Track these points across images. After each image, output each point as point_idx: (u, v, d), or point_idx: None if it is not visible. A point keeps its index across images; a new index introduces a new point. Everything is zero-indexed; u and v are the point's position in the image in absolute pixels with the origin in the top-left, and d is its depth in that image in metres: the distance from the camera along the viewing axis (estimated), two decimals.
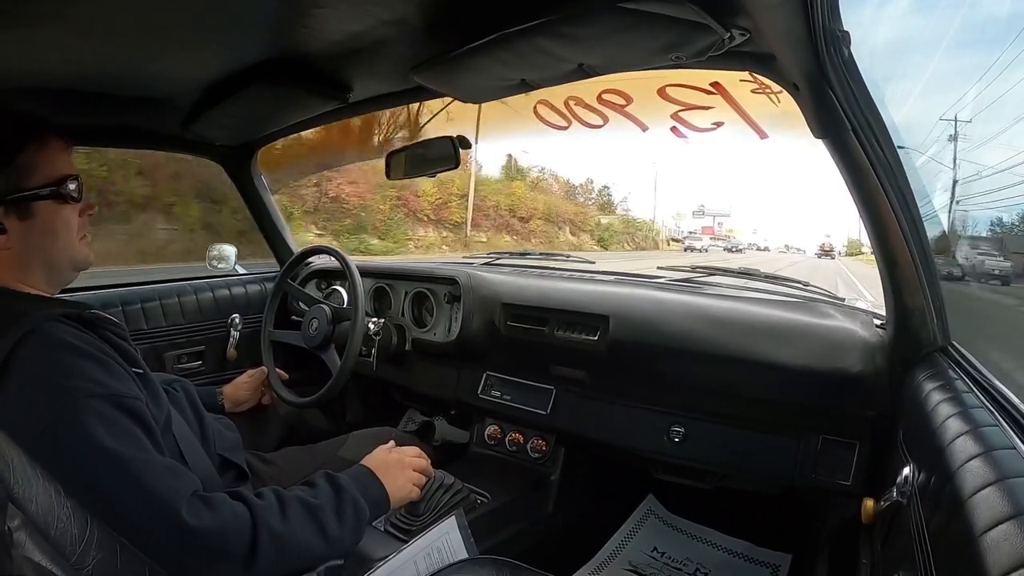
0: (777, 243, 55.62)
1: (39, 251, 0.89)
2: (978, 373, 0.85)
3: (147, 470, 0.76)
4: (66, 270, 0.93)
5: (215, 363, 1.92)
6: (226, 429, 1.19)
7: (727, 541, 1.65)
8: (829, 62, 0.76)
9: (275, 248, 2.15)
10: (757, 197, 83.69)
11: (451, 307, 1.71)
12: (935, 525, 0.61)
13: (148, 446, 0.79)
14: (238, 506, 0.80)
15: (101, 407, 0.77)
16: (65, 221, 0.91)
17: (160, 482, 0.76)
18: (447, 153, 1.47)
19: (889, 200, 0.90)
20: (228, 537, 0.77)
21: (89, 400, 0.77)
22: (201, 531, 0.75)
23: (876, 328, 1.22)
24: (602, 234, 28.23)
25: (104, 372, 0.80)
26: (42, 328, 0.79)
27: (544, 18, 0.82)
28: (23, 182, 0.86)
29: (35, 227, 0.87)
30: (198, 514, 0.76)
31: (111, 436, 0.76)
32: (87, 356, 0.80)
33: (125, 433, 0.78)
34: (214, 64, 1.16)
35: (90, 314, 0.88)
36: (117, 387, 0.80)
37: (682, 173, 75.65)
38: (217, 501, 0.79)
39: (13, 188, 0.85)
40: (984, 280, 3.97)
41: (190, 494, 0.77)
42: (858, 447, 1.19)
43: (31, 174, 0.86)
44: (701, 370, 1.33)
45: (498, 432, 1.67)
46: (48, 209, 0.88)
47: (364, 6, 0.89)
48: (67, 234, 0.91)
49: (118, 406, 0.79)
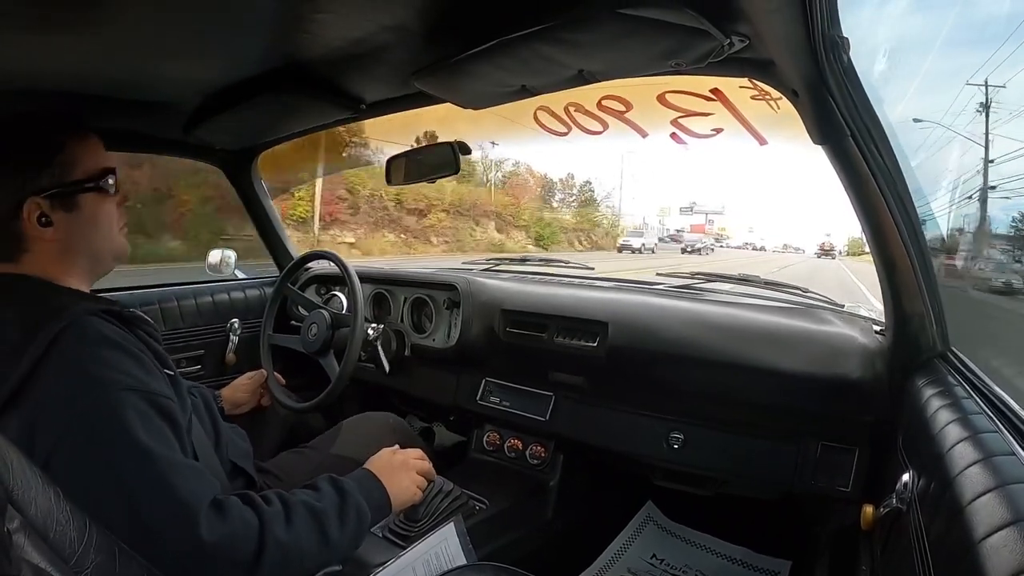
0: (775, 242, 55.63)
1: (84, 242, 0.91)
2: (977, 379, 0.85)
3: (173, 469, 0.76)
4: (108, 260, 0.96)
5: (214, 368, 1.91)
6: (239, 438, 1.19)
7: (726, 548, 1.65)
8: (828, 68, 0.77)
9: (275, 253, 2.15)
10: (755, 194, 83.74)
11: (450, 313, 1.72)
12: (935, 531, 0.61)
13: (176, 446, 0.80)
14: (248, 512, 0.80)
15: (136, 401, 0.77)
16: (107, 212, 0.94)
17: (183, 483, 0.76)
18: (447, 159, 1.47)
19: (888, 206, 0.90)
20: (236, 546, 0.77)
21: (125, 393, 0.77)
22: (213, 545, 0.75)
23: (875, 334, 1.22)
24: (542, 231, 25.08)
25: (140, 368, 0.81)
26: (81, 321, 0.80)
27: (544, 24, 0.82)
28: (67, 176, 0.89)
29: (80, 219, 0.90)
30: (213, 528, 0.75)
31: (144, 431, 0.76)
32: (125, 351, 0.81)
33: (156, 430, 0.78)
34: (216, 70, 1.16)
35: (128, 312, 0.89)
36: (152, 384, 0.81)
37: (674, 169, 75.31)
38: (230, 507, 0.79)
39: (59, 182, 0.88)
40: None
41: (210, 501, 0.77)
42: (857, 453, 1.19)
43: (74, 168, 0.89)
44: (700, 376, 1.33)
45: (497, 438, 1.66)
46: (92, 201, 0.91)
47: (365, 12, 0.89)
48: (109, 225, 0.94)
49: (151, 403, 0.79)
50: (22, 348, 0.76)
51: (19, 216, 0.85)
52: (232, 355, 1.93)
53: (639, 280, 1.82)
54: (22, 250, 0.87)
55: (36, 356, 0.76)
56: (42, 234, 0.86)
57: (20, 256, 0.87)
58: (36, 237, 0.86)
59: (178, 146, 1.73)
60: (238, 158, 1.89)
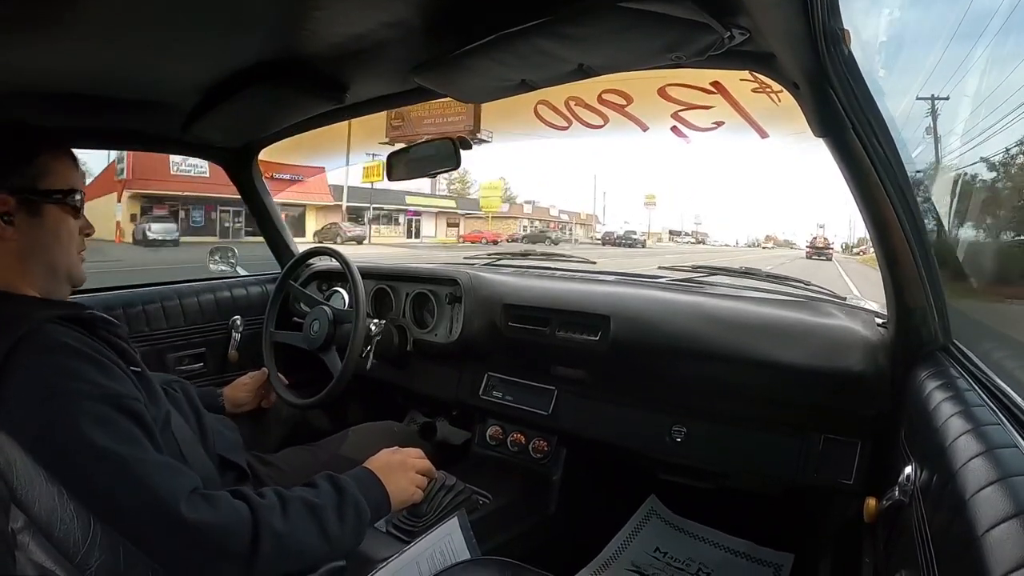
0: (750, 236, 56.14)
1: (42, 252, 0.91)
2: (980, 372, 0.85)
3: (145, 469, 0.76)
4: (63, 279, 0.95)
5: (216, 365, 1.92)
6: (226, 429, 1.19)
7: (729, 541, 1.65)
8: (829, 61, 0.76)
9: (276, 249, 2.15)
10: (724, 187, 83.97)
11: (452, 308, 1.71)
12: (937, 524, 0.61)
13: (147, 445, 0.80)
14: (239, 504, 0.81)
15: (98, 408, 0.77)
16: (69, 230, 0.94)
17: (159, 480, 0.76)
18: (448, 154, 1.47)
19: (890, 198, 0.90)
20: (229, 534, 0.77)
21: (86, 402, 0.77)
22: (200, 526, 0.75)
23: (878, 327, 1.22)
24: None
25: (101, 373, 0.81)
26: (39, 330, 0.80)
27: (544, 18, 0.81)
28: (38, 183, 0.89)
29: (42, 227, 0.90)
30: (197, 509, 0.76)
31: (108, 436, 0.76)
32: (84, 358, 0.81)
33: (123, 433, 0.78)
34: (215, 67, 1.16)
35: (88, 314, 0.89)
36: (114, 388, 0.81)
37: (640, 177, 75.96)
38: (218, 498, 0.79)
39: (28, 186, 0.88)
40: None
41: (189, 491, 0.78)
42: (860, 446, 1.19)
43: (45, 177, 0.90)
44: (703, 370, 1.33)
45: (500, 433, 1.66)
46: (56, 214, 0.91)
47: (365, 8, 0.89)
48: (69, 243, 0.94)
49: (116, 407, 0.79)
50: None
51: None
52: (234, 352, 1.94)
53: (641, 274, 1.82)
54: None
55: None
56: (3, 232, 0.86)
57: None
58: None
59: (178, 144, 1.73)
60: (238, 155, 1.89)
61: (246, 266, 2.23)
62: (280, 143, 1.78)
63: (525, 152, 41.43)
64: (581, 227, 46.56)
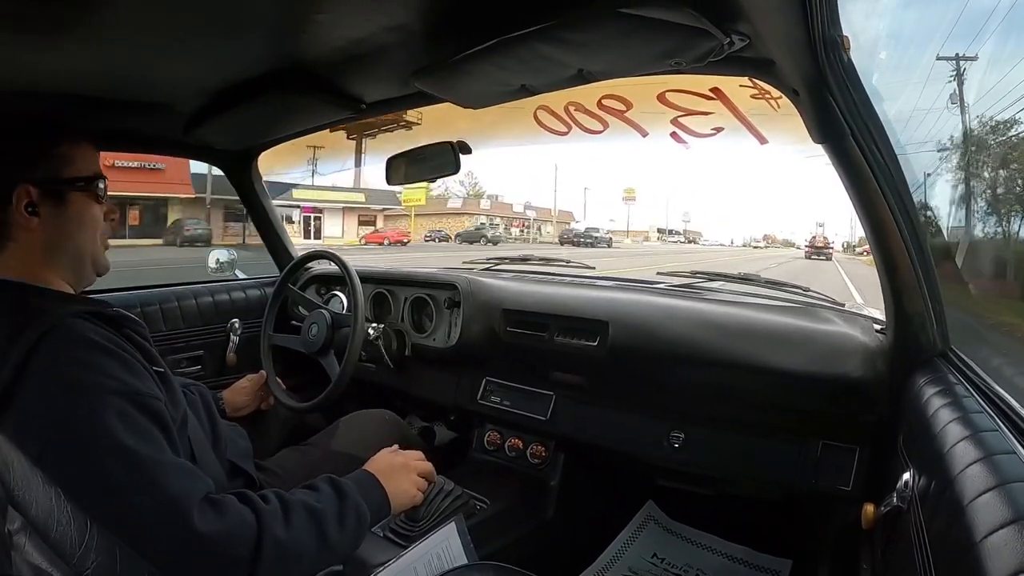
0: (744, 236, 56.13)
1: (67, 241, 0.91)
2: (978, 378, 0.85)
3: (162, 470, 0.76)
4: (88, 268, 0.95)
5: (215, 368, 1.92)
6: (238, 437, 1.19)
7: (727, 547, 1.65)
8: (829, 67, 0.77)
9: (275, 253, 2.15)
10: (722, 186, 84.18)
11: (451, 313, 1.71)
12: (936, 530, 0.61)
13: (164, 446, 0.79)
14: (246, 511, 0.80)
15: (121, 404, 0.77)
16: (94, 217, 0.94)
17: (174, 483, 0.76)
18: (447, 158, 1.47)
19: (889, 205, 0.90)
20: (234, 543, 0.77)
21: (109, 397, 0.77)
22: (209, 538, 0.75)
23: (876, 333, 1.22)
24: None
25: (125, 370, 0.80)
26: (64, 324, 0.80)
27: (544, 24, 0.82)
28: (61, 172, 0.90)
29: (66, 215, 0.90)
30: (207, 520, 0.75)
31: (129, 433, 0.76)
32: (109, 353, 0.80)
33: (143, 432, 0.77)
34: (216, 71, 1.16)
35: (112, 312, 0.89)
36: (137, 385, 0.80)
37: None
38: (226, 505, 0.79)
39: (52, 176, 0.89)
40: None
41: (202, 497, 0.77)
42: (858, 452, 1.19)
43: (68, 165, 0.91)
44: (701, 375, 1.33)
45: (498, 438, 1.66)
46: (80, 201, 0.92)
47: (365, 12, 0.89)
48: (94, 230, 0.95)
49: (137, 404, 0.79)
50: (5, 352, 0.76)
51: (8, 202, 0.85)
52: (232, 355, 1.93)
53: (640, 279, 1.83)
54: (7, 238, 0.86)
55: (18, 361, 0.76)
56: (28, 223, 0.86)
57: (4, 245, 0.87)
58: (22, 226, 0.86)
59: (179, 146, 1.74)
60: (238, 158, 1.89)
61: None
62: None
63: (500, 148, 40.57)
64: (554, 225, 44.69)
